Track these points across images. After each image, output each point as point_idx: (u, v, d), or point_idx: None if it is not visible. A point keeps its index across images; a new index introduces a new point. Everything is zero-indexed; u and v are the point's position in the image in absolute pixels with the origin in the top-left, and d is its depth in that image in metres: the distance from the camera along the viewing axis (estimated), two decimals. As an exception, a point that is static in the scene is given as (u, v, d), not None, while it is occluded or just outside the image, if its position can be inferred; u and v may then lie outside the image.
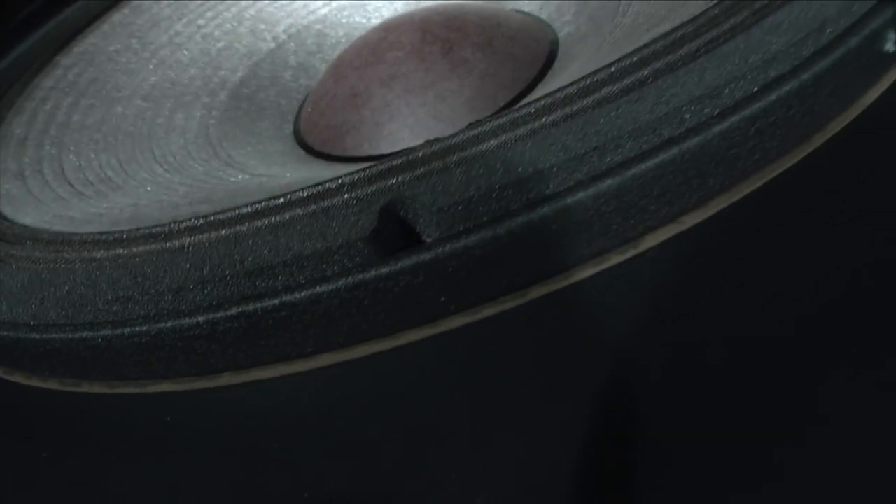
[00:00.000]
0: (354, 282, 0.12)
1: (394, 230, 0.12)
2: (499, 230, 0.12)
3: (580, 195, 0.12)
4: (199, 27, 0.29)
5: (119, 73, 0.27)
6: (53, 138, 0.24)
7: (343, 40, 0.28)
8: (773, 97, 0.13)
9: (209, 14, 0.29)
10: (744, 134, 0.12)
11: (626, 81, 0.13)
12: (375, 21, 0.29)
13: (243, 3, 0.29)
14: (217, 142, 0.25)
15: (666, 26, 0.17)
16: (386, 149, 0.24)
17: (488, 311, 0.13)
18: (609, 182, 0.12)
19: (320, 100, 0.25)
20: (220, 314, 0.13)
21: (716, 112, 0.12)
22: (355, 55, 0.25)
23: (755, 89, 0.12)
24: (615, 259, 0.13)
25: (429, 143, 0.14)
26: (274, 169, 0.23)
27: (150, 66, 0.28)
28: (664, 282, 0.12)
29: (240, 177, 0.22)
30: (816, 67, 0.13)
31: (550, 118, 0.13)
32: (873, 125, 0.14)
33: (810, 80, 0.13)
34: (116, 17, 0.29)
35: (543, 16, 0.26)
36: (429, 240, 0.13)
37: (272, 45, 0.28)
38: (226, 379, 0.15)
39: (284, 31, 0.29)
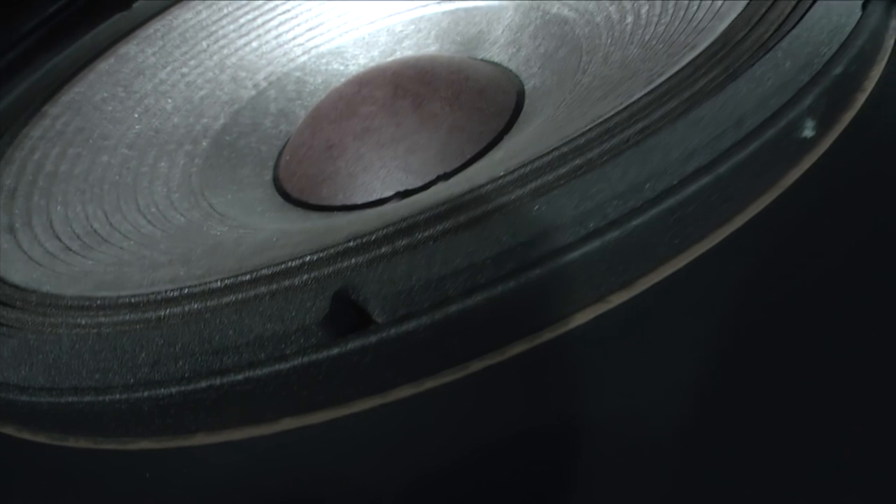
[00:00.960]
0: (310, 361, 0.14)
1: (346, 312, 0.14)
2: (436, 316, 0.13)
3: (512, 284, 0.13)
4: (183, 75, 0.30)
5: (105, 122, 0.29)
6: (42, 189, 0.26)
7: (321, 87, 0.30)
8: (691, 189, 0.14)
9: (192, 62, 0.30)
10: (664, 223, 0.14)
11: (562, 170, 0.14)
12: (353, 68, 0.30)
13: (225, 51, 0.31)
14: (199, 190, 0.26)
15: (609, 104, 0.18)
16: (359, 199, 0.25)
17: (430, 383, 0.14)
18: (538, 272, 0.13)
19: (298, 149, 0.27)
20: (191, 386, 0.15)
21: (638, 205, 0.14)
22: (331, 108, 0.26)
23: (675, 182, 0.14)
24: (547, 336, 0.14)
25: (382, 227, 0.15)
26: (253, 218, 0.25)
27: (136, 115, 0.29)
28: (594, 356, 0.14)
29: (219, 230, 0.23)
30: (734, 160, 0.14)
31: (487, 209, 0.14)
32: (794, 202, 0.16)
33: (728, 172, 0.14)
34: (103, 65, 0.31)
35: (512, 66, 0.28)
36: (379, 320, 0.14)
37: (253, 92, 0.30)
38: (199, 439, 0.16)
39: (265, 79, 0.30)
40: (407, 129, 0.25)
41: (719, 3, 0.21)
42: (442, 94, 0.25)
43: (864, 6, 0.18)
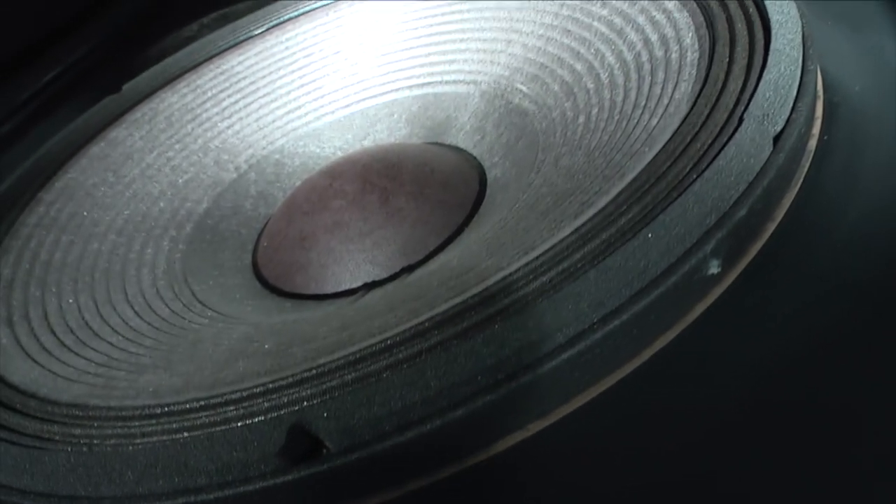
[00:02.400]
0: (269, 485, 0.17)
1: (300, 442, 0.17)
2: (376, 448, 0.16)
3: (438, 421, 0.16)
4: (169, 159, 0.33)
5: (96, 208, 0.32)
6: (38, 279, 0.29)
7: (299, 169, 0.33)
8: (599, 334, 0.17)
9: (177, 146, 0.33)
10: (574, 364, 0.17)
11: (481, 318, 0.17)
12: (329, 151, 0.33)
13: (209, 134, 0.34)
14: (182, 277, 0.29)
15: (545, 227, 0.21)
16: (330, 289, 0.28)
17: (374, 500, 0.17)
18: (461, 412, 0.16)
19: (274, 238, 0.30)
20: (168, 502, 0.18)
21: (550, 350, 0.17)
22: (305, 199, 0.29)
23: (583, 329, 0.17)
24: (472, 461, 0.17)
25: (336, 360, 0.18)
26: (232, 307, 0.28)
27: (124, 200, 0.32)
28: (513, 478, 0.17)
29: (199, 323, 0.26)
30: (639, 305, 0.17)
31: (421, 348, 0.17)
32: (700, 334, 0.18)
33: (633, 317, 0.17)
34: (94, 150, 0.34)
35: (476, 153, 0.31)
36: (329, 447, 0.17)
37: (234, 175, 0.33)
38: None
39: (245, 161, 0.33)
40: (374, 224, 0.28)
41: (655, 120, 0.24)
42: (407, 188, 0.28)
43: (775, 141, 0.20)
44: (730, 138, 0.20)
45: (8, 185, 0.33)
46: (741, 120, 0.20)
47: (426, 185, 0.28)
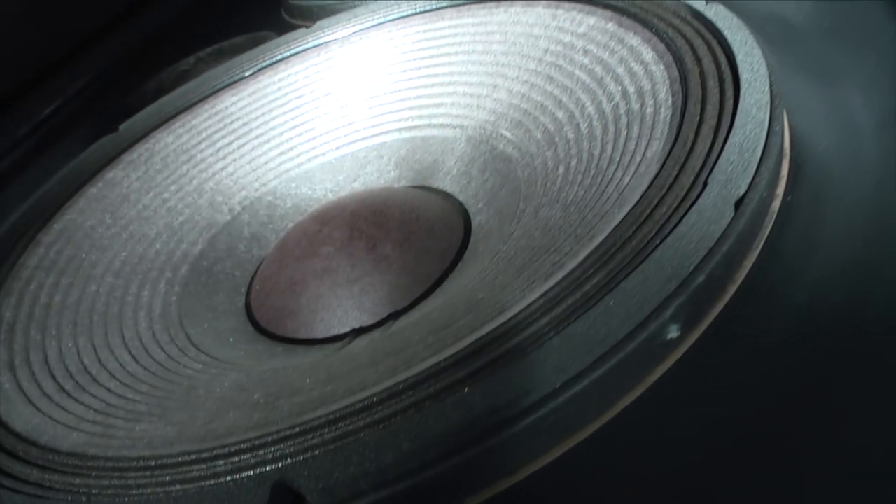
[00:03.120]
0: (254, 539, 0.19)
1: (283, 498, 0.19)
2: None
3: (410, 482, 0.18)
4: (165, 200, 0.35)
5: (94, 250, 0.34)
6: (38, 322, 0.31)
7: (291, 211, 0.35)
8: (561, 399, 0.18)
9: (173, 187, 0.35)
10: (537, 427, 0.18)
11: (450, 382, 0.19)
12: (320, 193, 0.35)
13: (203, 175, 0.36)
14: (178, 321, 0.31)
15: (517, 287, 0.23)
16: (319, 334, 0.30)
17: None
18: (431, 472, 0.18)
19: (266, 282, 0.31)
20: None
21: (515, 413, 0.18)
22: (296, 244, 0.31)
23: (547, 393, 0.18)
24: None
25: (322, 416, 0.20)
26: (225, 351, 0.30)
27: (121, 241, 0.34)
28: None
29: (194, 368, 0.28)
30: (600, 371, 0.19)
31: (395, 409, 0.19)
32: (660, 396, 0.20)
33: (594, 382, 0.19)
34: (92, 191, 0.36)
35: (462, 198, 0.32)
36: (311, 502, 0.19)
37: (228, 216, 0.35)
38: None
39: (239, 203, 0.35)
40: (361, 271, 0.29)
41: (627, 178, 0.25)
42: (394, 235, 0.30)
43: (737, 205, 0.22)
44: (693, 204, 0.22)
45: (8, 227, 0.35)
46: (705, 184, 0.22)
47: (412, 231, 0.30)
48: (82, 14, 0.47)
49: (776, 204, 0.24)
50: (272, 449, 0.20)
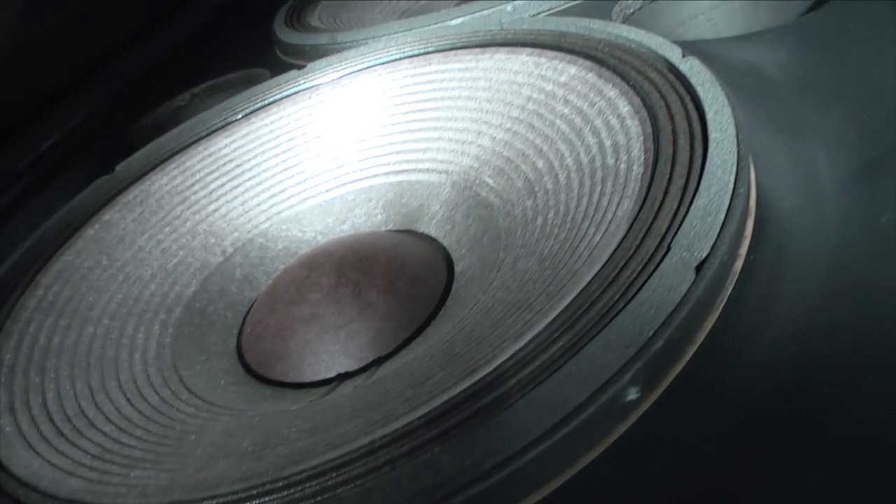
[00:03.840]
0: None
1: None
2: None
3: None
4: (159, 242, 0.37)
5: (91, 291, 0.36)
6: (37, 364, 0.33)
7: (282, 253, 0.37)
8: (524, 459, 0.20)
9: (167, 229, 0.37)
10: (502, 486, 0.20)
11: (416, 443, 0.21)
12: (310, 235, 0.37)
13: (197, 216, 0.37)
14: (171, 363, 0.33)
15: (493, 339, 0.25)
16: (307, 378, 0.32)
17: None
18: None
19: (257, 325, 0.33)
20: None
21: (480, 474, 0.20)
22: (285, 290, 0.33)
23: (511, 454, 0.20)
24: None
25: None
26: (217, 394, 0.31)
27: (117, 283, 0.36)
28: None
29: (185, 412, 0.30)
30: (560, 433, 0.21)
31: (367, 468, 0.21)
32: (619, 456, 0.22)
33: (555, 444, 0.21)
34: (89, 232, 0.38)
35: (447, 243, 0.34)
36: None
37: (221, 258, 0.36)
38: None
39: (231, 245, 0.37)
40: (347, 317, 0.31)
41: (598, 237, 0.27)
42: (379, 282, 0.32)
43: (698, 269, 0.24)
44: (655, 268, 0.23)
45: (9, 267, 0.37)
46: (668, 248, 0.24)
47: (397, 278, 0.32)
48: (80, 48, 0.50)
49: (738, 264, 0.25)
50: (257, 502, 0.22)
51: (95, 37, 0.50)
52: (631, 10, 0.41)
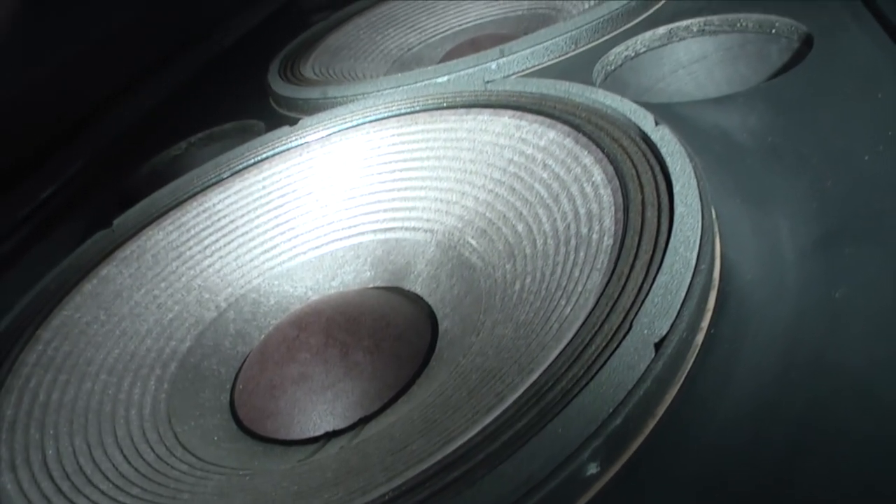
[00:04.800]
0: None
1: None
2: None
3: None
4: (155, 297, 0.39)
5: (89, 347, 0.38)
6: (37, 421, 0.35)
7: (274, 308, 0.39)
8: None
9: (163, 284, 0.40)
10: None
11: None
12: (301, 291, 0.39)
13: (192, 272, 0.40)
14: (166, 419, 0.35)
15: (464, 413, 0.27)
16: (296, 436, 0.34)
17: None
18: None
19: (249, 382, 0.36)
20: None
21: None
22: (275, 349, 0.35)
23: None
24: None
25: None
26: (209, 451, 0.34)
27: (114, 338, 0.38)
28: None
29: (179, 470, 0.32)
30: (525, 505, 0.23)
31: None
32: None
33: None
34: (87, 287, 0.40)
35: (432, 301, 0.37)
36: None
37: (215, 313, 0.39)
38: None
39: (225, 300, 0.39)
40: (334, 378, 0.33)
41: (569, 309, 0.29)
42: (365, 343, 0.34)
43: (657, 346, 0.26)
44: (618, 346, 0.25)
45: (10, 321, 0.39)
46: (630, 326, 0.26)
47: (382, 338, 0.34)
48: (78, 97, 0.52)
49: (699, 337, 0.27)
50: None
51: (93, 86, 0.53)
52: (612, 68, 0.44)
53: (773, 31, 0.43)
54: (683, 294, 0.27)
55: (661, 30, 0.45)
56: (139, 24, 0.57)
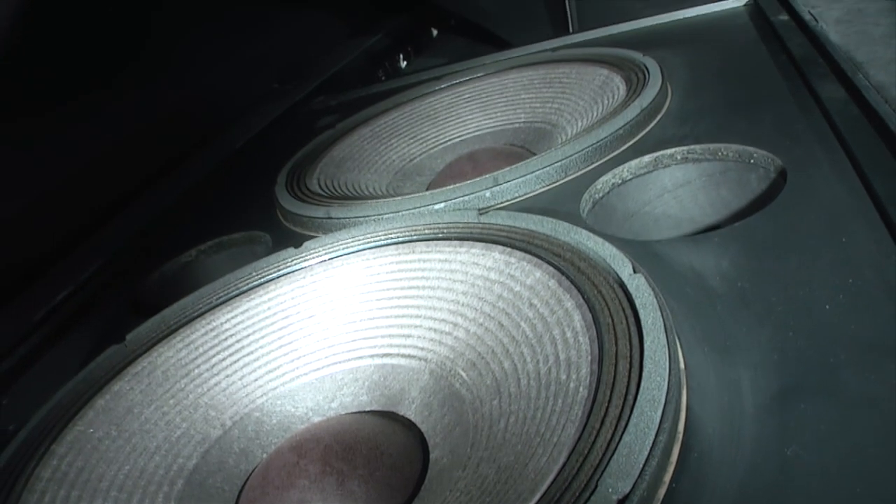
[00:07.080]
0: None
1: None
2: None
3: None
4: (164, 413, 0.44)
5: (101, 463, 0.42)
6: (53, 538, 0.39)
7: (276, 428, 0.44)
8: None
9: (172, 401, 0.44)
10: None
11: None
12: (302, 411, 0.44)
13: (199, 390, 0.44)
14: (173, 540, 0.40)
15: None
16: (294, 561, 0.38)
17: None
18: None
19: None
20: None
21: None
22: (276, 474, 0.40)
23: None
24: None
25: None
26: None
27: (125, 454, 0.43)
28: None
29: None
30: None
31: None
32: None
33: None
34: (100, 402, 0.45)
35: (424, 428, 0.41)
36: None
37: (220, 431, 0.43)
38: None
39: (230, 418, 0.44)
40: (331, 506, 0.38)
41: (543, 459, 0.34)
42: (360, 471, 0.38)
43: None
44: (585, 504, 0.30)
45: (25, 435, 0.44)
46: (595, 486, 0.30)
47: (376, 468, 0.39)
48: (89, 206, 0.57)
49: (661, 492, 0.32)
50: None
51: (104, 195, 0.58)
52: (600, 196, 0.49)
53: (752, 161, 0.48)
54: (646, 454, 0.31)
55: (647, 158, 0.50)
56: (149, 130, 0.63)
